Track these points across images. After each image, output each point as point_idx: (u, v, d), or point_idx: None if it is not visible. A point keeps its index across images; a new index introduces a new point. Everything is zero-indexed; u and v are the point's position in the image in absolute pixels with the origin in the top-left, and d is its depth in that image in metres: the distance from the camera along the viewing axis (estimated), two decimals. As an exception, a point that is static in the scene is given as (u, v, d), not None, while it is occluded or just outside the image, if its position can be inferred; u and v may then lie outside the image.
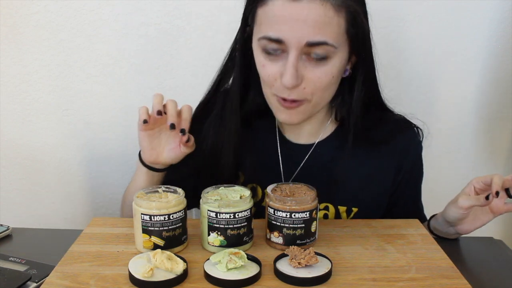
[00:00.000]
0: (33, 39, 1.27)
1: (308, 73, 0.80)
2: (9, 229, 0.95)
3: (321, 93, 0.84)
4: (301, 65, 0.80)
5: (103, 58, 1.29)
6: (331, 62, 0.81)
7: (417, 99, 1.35)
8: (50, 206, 1.41)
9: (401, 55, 1.32)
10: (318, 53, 0.79)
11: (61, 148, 1.36)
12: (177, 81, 1.32)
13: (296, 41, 0.77)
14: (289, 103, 0.84)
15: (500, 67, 1.33)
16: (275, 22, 0.78)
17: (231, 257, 0.70)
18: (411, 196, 1.02)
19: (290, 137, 0.99)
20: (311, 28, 0.76)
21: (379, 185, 0.98)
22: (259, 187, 0.97)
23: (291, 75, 0.79)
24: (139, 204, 0.76)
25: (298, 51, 0.78)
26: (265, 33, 0.80)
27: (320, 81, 0.81)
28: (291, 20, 0.76)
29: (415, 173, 1.01)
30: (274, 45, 0.79)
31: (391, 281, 0.70)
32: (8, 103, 1.32)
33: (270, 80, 0.83)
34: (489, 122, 1.38)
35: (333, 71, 0.82)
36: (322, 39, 0.77)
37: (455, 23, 1.29)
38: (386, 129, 0.97)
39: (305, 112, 0.86)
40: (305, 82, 0.81)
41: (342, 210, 0.96)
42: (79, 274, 0.71)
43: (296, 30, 0.77)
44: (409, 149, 0.98)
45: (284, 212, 0.76)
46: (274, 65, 0.81)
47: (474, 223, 0.89)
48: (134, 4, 1.26)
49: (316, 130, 0.97)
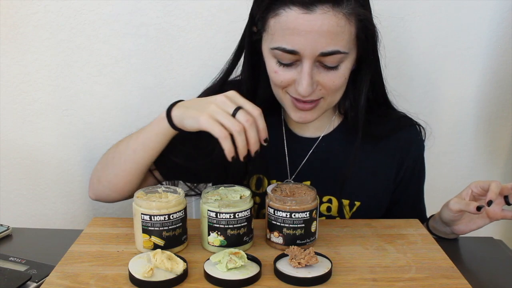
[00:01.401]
0: (33, 39, 1.27)
1: (322, 78, 0.82)
2: (9, 229, 0.95)
3: (334, 93, 0.86)
4: (315, 72, 0.82)
5: (103, 58, 1.29)
6: (343, 66, 0.83)
7: (417, 98, 1.35)
8: (50, 206, 1.41)
9: (401, 55, 1.32)
10: (331, 61, 0.80)
11: (61, 148, 1.36)
12: (177, 81, 1.32)
13: (310, 52, 0.78)
14: (304, 104, 0.85)
15: (500, 67, 1.32)
16: (289, 34, 0.78)
17: (231, 257, 0.70)
18: (413, 196, 1.03)
19: (296, 130, 1.00)
20: (324, 38, 0.77)
21: (381, 180, 0.99)
22: (265, 178, 0.99)
23: (308, 84, 0.80)
24: (139, 204, 0.76)
25: (312, 61, 0.80)
26: (279, 44, 0.80)
27: (334, 84, 0.83)
28: (305, 31, 0.77)
29: (417, 171, 1.02)
30: (288, 55, 0.80)
31: (391, 281, 0.70)
32: (8, 103, 1.32)
33: (283, 85, 0.85)
34: (489, 122, 1.38)
35: (345, 73, 0.84)
36: (335, 49, 0.79)
37: (455, 23, 1.29)
38: (389, 126, 0.98)
39: (319, 111, 0.88)
40: (321, 85, 0.83)
41: (345, 203, 0.97)
42: (79, 274, 0.71)
43: (310, 41, 0.78)
44: (410, 147, 0.99)
45: (284, 212, 0.76)
46: (288, 73, 0.83)
47: (469, 225, 0.90)
48: (134, 4, 1.25)
49: (322, 124, 0.99)
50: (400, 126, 0.99)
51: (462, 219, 0.89)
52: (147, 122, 1.37)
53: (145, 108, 1.33)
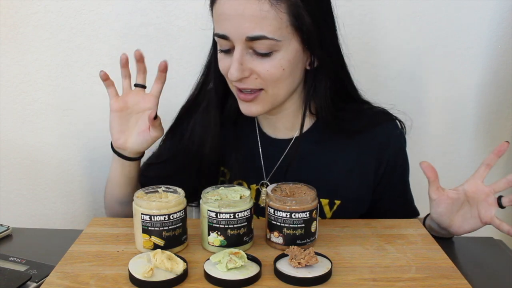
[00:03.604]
0: (33, 39, 1.27)
1: (256, 66, 0.84)
2: (9, 229, 0.95)
3: (274, 85, 0.86)
4: (248, 59, 0.84)
5: (103, 58, 1.29)
6: (278, 55, 0.83)
7: (416, 98, 1.35)
8: (50, 206, 1.41)
9: (401, 55, 1.32)
10: (261, 47, 0.82)
11: (61, 148, 1.36)
12: (177, 81, 1.32)
13: (237, 36, 0.82)
14: (245, 95, 0.87)
15: (500, 67, 1.32)
16: (220, 19, 0.84)
17: (231, 257, 0.70)
18: (397, 190, 1.02)
19: (269, 132, 1.01)
20: (249, 23, 0.80)
21: (360, 177, 0.98)
22: (245, 182, 1.00)
23: (235, 69, 0.83)
24: (139, 204, 0.76)
25: (242, 46, 0.82)
26: (216, 31, 0.86)
27: (270, 74, 0.84)
28: (231, 16, 0.81)
29: (399, 166, 1.01)
30: (222, 41, 0.84)
31: (391, 281, 0.70)
32: (8, 103, 1.32)
33: (225, 73, 0.88)
34: (489, 122, 1.38)
35: (282, 64, 0.84)
36: (261, 33, 0.81)
37: (455, 23, 1.29)
38: (364, 121, 0.97)
39: (264, 104, 0.89)
40: (256, 74, 0.85)
41: (325, 203, 0.97)
42: (79, 274, 0.71)
43: (235, 25, 0.81)
44: (389, 142, 0.98)
45: (284, 212, 0.76)
46: (227, 60, 0.86)
47: (463, 226, 0.88)
48: (134, 4, 1.26)
49: (291, 124, 0.98)
50: (378, 121, 0.98)
51: (455, 219, 0.88)
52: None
53: (145, 108, 1.33)
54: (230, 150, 0.99)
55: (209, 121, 0.96)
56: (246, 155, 0.99)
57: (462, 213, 0.88)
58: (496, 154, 0.87)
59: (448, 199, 0.88)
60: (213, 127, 0.96)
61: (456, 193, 0.88)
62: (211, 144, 0.96)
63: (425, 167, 0.88)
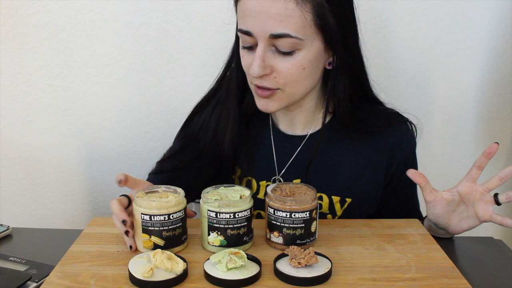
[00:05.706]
0: (33, 39, 1.27)
1: (277, 64, 0.84)
2: (9, 229, 0.95)
3: (293, 84, 0.86)
4: (270, 56, 0.84)
5: (103, 58, 1.29)
6: (300, 54, 0.84)
7: (417, 98, 1.35)
8: (50, 206, 1.41)
9: (401, 55, 1.32)
10: (284, 45, 0.82)
11: (61, 148, 1.36)
12: (177, 81, 1.32)
13: (261, 33, 0.82)
14: (262, 91, 0.87)
15: (500, 67, 1.32)
16: (245, 15, 0.83)
17: (231, 257, 0.70)
18: (405, 192, 1.03)
19: (283, 129, 1.01)
20: (273, 20, 0.80)
21: (371, 177, 0.99)
22: (254, 180, 1.00)
23: (257, 65, 0.83)
24: (139, 204, 0.76)
25: (265, 43, 0.82)
26: (239, 27, 0.85)
27: (290, 73, 0.84)
28: (256, 13, 0.81)
29: (409, 168, 1.01)
30: (246, 37, 0.84)
31: (391, 281, 0.70)
32: (8, 103, 1.32)
33: (247, 70, 0.88)
34: (489, 122, 1.38)
35: (303, 63, 0.84)
36: (285, 32, 0.81)
37: (455, 23, 1.29)
38: (378, 122, 0.98)
39: (281, 102, 0.89)
40: (276, 72, 0.85)
41: (336, 200, 0.97)
42: (79, 274, 0.71)
43: (260, 22, 0.81)
44: (401, 143, 0.99)
45: (284, 212, 0.76)
46: (249, 56, 0.86)
47: (460, 225, 0.89)
48: (134, 4, 1.26)
49: (308, 121, 0.99)
50: (391, 123, 0.99)
51: (452, 219, 0.89)
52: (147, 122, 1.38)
53: (145, 108, 1.33)
54: (241, 147, 0.99)
55: (228, 114, 0.97)
56: (257, 152, 1.00)
57: (459, 212, 0.89)
58: (486, 156, 0.88)
59: (443, 200, 0.89)
60: (232, 120, 0.96)
61: (450, 194, 0.89)
62: (230, 137, 0.96)
63: (412, 175, 0.90)
